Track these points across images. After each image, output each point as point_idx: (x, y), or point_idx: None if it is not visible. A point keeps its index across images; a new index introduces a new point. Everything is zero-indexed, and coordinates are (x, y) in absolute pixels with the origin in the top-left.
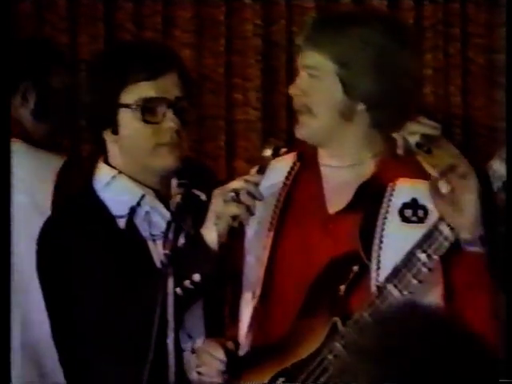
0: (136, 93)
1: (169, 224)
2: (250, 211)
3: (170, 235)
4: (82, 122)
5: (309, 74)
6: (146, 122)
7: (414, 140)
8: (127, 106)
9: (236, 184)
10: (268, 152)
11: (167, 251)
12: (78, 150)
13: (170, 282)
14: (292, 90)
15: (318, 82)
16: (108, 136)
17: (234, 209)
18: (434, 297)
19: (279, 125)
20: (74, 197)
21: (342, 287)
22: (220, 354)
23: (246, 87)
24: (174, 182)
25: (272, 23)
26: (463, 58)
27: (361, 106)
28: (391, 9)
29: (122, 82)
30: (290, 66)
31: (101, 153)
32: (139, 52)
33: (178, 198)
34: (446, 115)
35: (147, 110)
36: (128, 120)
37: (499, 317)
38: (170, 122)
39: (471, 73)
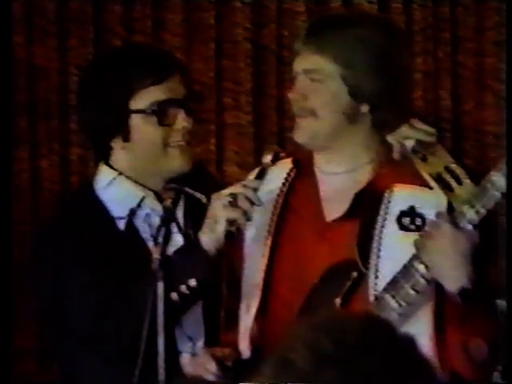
0: (147, 98)
1: (159, 228)
2: (247, 216)
3: (160, 239)
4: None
5: (309, 77)
6: (162, 125)
7: (409, 145)
8: (140, 111)
9: (234, 189)
10: (268, 158)
11: (157, 255)
12: (67, 154)
13: (160, 286)
14: (291, 95)
15: (320, 85)
16: (117, 143)
17: (231, 213)
18: (426, 310)
19: (270, 129)
20: (73, 197)
21: (339, 296)
22: (212, 367)
23: (236, 91)
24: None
25: (262, 27)
26: (453, 61)
27: (365, 108)
28: (381, 12)
29: (128, 89)
30: (281, 70)
31: (101, 158)
32: (140, 57)
33: (168, 202)
34: (435, 119)
35: (160, 113)
36: (141, 125)
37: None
38: (183, 122)
39: (461, 77)
